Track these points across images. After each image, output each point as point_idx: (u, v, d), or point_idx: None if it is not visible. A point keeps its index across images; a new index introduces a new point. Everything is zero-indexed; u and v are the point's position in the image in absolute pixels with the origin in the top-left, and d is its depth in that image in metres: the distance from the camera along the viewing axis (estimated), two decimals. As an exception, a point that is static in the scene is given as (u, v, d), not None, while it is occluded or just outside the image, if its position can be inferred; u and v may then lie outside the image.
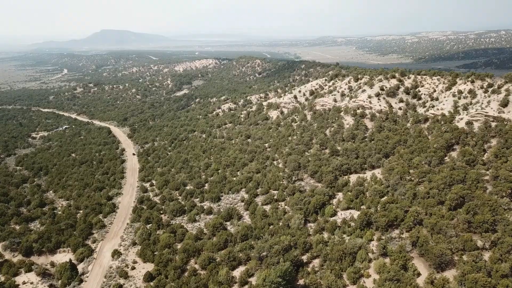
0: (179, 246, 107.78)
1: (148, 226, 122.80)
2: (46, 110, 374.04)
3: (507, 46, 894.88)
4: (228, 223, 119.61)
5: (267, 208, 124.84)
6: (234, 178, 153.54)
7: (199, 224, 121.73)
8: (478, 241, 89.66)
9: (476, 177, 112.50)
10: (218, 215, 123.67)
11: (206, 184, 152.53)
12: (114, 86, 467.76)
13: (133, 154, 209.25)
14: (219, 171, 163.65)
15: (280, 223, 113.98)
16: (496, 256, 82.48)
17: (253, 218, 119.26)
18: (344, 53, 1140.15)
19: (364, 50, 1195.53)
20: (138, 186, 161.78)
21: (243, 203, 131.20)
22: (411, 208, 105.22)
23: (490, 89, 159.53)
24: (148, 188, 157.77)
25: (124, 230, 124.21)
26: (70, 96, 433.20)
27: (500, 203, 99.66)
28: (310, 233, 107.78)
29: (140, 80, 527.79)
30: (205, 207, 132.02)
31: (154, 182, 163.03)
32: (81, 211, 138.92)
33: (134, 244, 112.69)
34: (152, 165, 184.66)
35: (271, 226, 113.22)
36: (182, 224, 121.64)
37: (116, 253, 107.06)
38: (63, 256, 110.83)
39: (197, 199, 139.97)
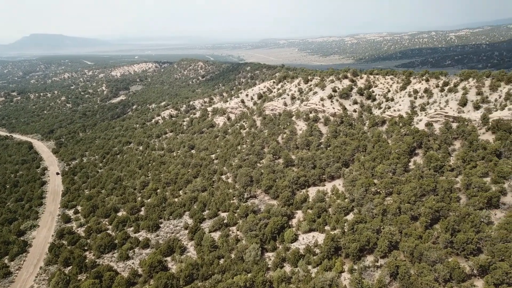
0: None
1: (68, 269, 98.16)
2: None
3: (439, 46, 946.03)
4: (169, 258, 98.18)
5: (216, 236, 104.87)
6: (176, 199, 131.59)
7: (133, 263, 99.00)
8: (465, 266, 76.54)
9: (448, 186, 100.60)
10: (157, 249, 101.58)
11: (142, 209, 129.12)
12: (41, 94, 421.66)
13: (57, 174, 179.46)
14: (158, 191, 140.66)
15: (233, 255, 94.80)
16: (491, 287, 69.26)
17: (200, 250, 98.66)
18: (288, 54, 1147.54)
19: (307, 52, 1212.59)
20: (59, 215, 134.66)
21: (187, 231, 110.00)
22: (384, 228, 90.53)
23: (446, 88, 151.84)
24: (72, 217, 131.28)
25: (36, 277, 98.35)
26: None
27: (480, 217, 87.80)
28: (269, 266, 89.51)
29: (72, 87, 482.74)
30: (140, 238, 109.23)
31: (79, 208, 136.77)
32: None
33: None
34: (79, 187, 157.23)
35: (222, 260, 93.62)
36: (111, 264, 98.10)
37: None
38: None
39: (131, 229, 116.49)
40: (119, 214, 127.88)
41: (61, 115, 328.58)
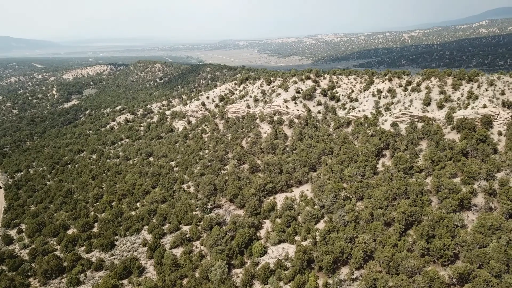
0: (50, 333, 74.10)
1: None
2: None
3: (394, 46, 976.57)
4: (125, 281, 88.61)
5: (178, 252, 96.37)
6: (133, 213, 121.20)
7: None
8: (444, 275, 72.83)
9: (419, 189, 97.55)
10: (112, 271, 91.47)
11: (96, 225, 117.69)
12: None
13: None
14: (113, 203, 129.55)
15: (197, 274, 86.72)
16: (473, 297, 65.74)
17: (160, 270, 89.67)
18: (247, 56, 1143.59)
19: (266, 53, 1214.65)
20: (0, 236, 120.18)
21: (145, 248, 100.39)
22: (358, 237, 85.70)
23: (409, 87, 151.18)
24: (14, 237, 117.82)
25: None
26: None
27: (454, 221, 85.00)
28: (238, 284, 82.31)
29: (20, 92, 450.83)
30: (93, 259, 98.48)
31: (23, 227, 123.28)
32: None
33: None
34: (24, 202, 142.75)
35: (185, 281, 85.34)
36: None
37: None
38: None
39: (83, 248, 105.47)
40: (69, 232, 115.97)
41: (6, 122, 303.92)
